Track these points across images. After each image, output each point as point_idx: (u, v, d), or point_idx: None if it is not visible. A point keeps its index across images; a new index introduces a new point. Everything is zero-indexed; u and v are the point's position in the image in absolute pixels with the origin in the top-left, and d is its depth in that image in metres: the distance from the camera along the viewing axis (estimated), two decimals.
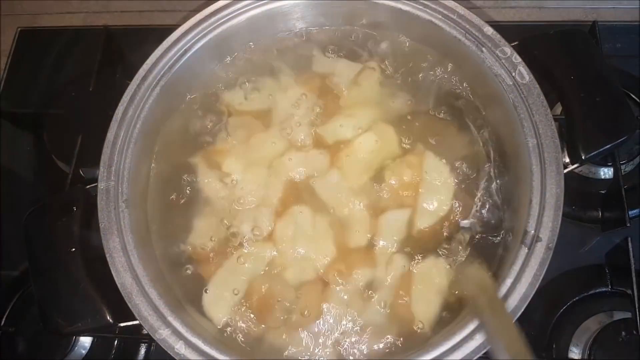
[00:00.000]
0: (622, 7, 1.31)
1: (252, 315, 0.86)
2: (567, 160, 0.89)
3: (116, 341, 1.03)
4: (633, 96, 1.15)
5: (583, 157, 0.84)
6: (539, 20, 1.32)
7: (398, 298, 0.86)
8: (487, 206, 0.90)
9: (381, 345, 0.83)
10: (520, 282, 0.75)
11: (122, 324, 0.82)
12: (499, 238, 0.87)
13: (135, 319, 0.79)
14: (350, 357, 0.83)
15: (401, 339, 0.83)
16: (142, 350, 1.05)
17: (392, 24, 1.01)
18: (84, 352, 1.02)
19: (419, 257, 0.88)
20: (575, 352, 0.96)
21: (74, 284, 0.82)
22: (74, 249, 0.83)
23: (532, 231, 0.78)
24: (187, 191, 0.95)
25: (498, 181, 0.90)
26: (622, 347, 0.92)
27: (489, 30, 0.90)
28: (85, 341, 1.02)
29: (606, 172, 1.10)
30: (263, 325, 0.85)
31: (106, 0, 1.43)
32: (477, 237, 0.88)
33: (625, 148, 1.07)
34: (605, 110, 0.87)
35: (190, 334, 0.77)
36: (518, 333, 0.68)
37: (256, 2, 0.98)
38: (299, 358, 0.83)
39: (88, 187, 0.90)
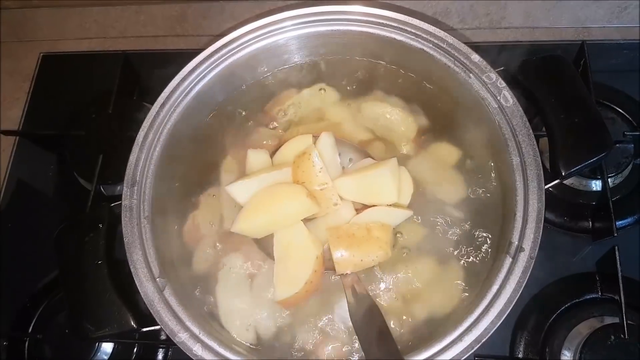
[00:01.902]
0: (612, 26, 1.36)
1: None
2: None
3: (136, 347, 1.09)
4: (621, 111, 1.20)
5: (563, 174, 0.89)
6: (532, 40, 1.37)
7: None
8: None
9: None
10: (505, 289, 0.81)
11: (144, 329, 0.88)
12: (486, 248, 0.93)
13: (157, 324, 0.85)
14: None
15: None
16: (160, 356, 1.10)
17: (386, 54, 1.07)
18: (105, 357, 1.07)
19: None
20: (567, 355, 1.00)
21: (101, 293, 0.88)
22: (100, 262, 0.90)
23: (516, 242, 0.84)
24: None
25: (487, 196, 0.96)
26: (611, 351, 0.95)
27: (475, 57, 0.96)
28: (107, 348, 1.07)
29: (596, 185, 1.14)
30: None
31: (123, 25, 1.50)
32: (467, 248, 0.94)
33: (613, 161, 1.12)
34: (583, 130, 0.92)
35: (207, 337, 0.84)
36: None
37: (260, 36, 1.04)
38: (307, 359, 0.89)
39: (112, 205, 0.96)
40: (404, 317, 0.91)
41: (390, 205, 0.93)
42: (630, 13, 1.35)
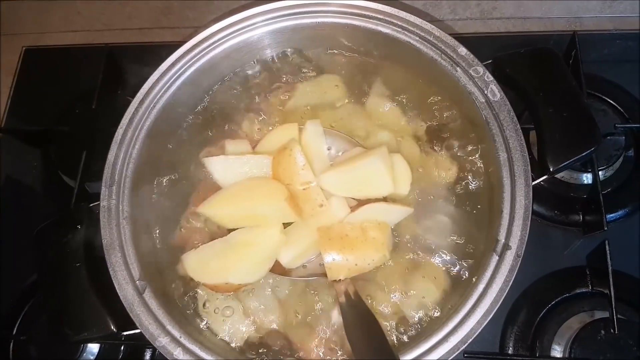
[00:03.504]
0: (605, 16, 1.35)
1: None
2: None
3: (122, 347, 1.08)
4: (612, 102, 1.19)
5: (551, 169, 0.88)
6: (524, 30, 1.35)
7: None
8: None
9: None
10: (492, 287, 0.80)
11: (125, 333, 0.86)
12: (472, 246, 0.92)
13: (137, 328, 0.83)
14: None
15: None
16: (147, 356, 1.09)
17: (371, 47, 1.04)
18: (92, 358, 1.06)
19: None
20: (557, 350, 1.00)
21: (80, 296, 0.86)
22: (79, 264, 0.88)
23: (503, 240, 0.82)
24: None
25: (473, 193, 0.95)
26: (601, 345, 0.95)
27: (463, 50, 0.94)
28: (93, 348, 1.06)
29: (587, 178, 1.13)
30: None
31: (108, 18, 1.47)
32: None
33: (604, 154, 1.11)
34: (571, 125, 0.90)
35: (188, 340, 0.82)
36: None
37: (242, 29, 1.02)
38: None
39: (91, 205, 0.94)
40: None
41: (387, 197, 0.87)
42: (623, 3, 1.34)
